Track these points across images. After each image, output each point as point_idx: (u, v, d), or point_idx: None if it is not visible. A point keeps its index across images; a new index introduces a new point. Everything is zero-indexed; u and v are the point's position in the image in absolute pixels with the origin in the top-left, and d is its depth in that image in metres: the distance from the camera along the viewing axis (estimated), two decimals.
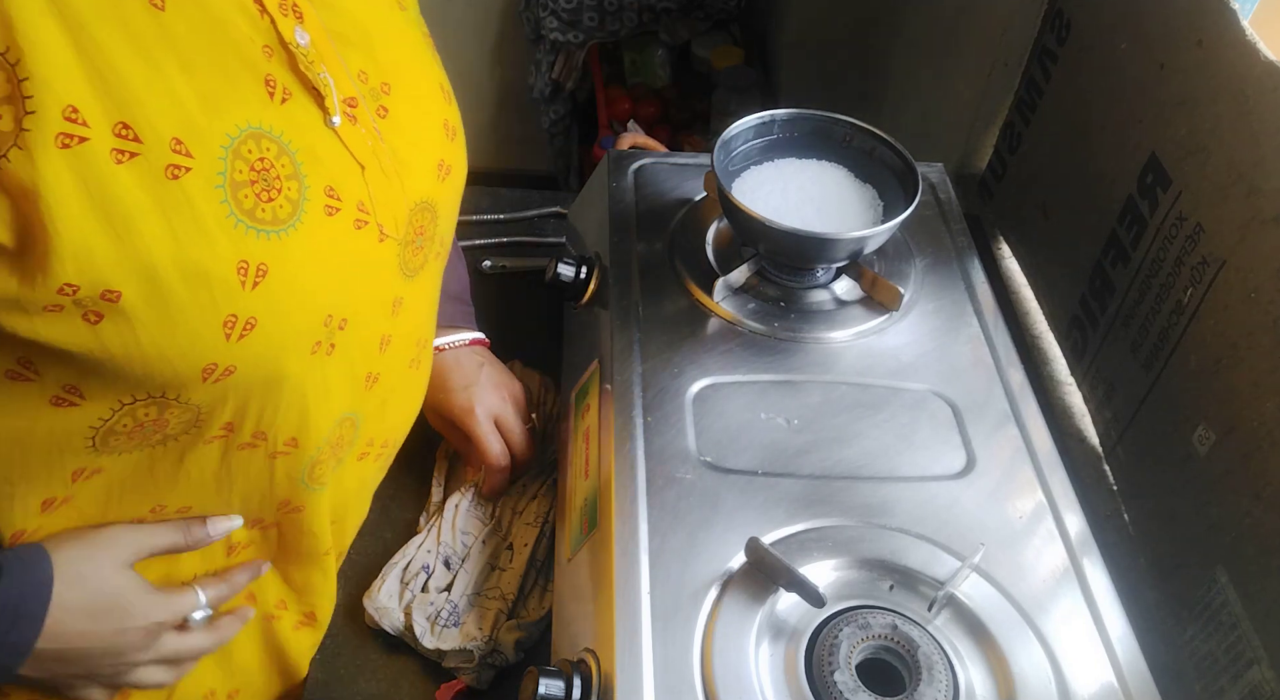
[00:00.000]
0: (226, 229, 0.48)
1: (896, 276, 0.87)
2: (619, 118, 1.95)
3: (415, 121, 0.62)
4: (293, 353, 0.54)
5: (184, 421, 0.54)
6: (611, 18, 1.92)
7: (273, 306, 0.51)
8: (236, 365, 0.51)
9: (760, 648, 0.62)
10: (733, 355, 0.80)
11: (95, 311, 0.46)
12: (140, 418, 0.52)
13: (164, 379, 0.50)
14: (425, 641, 0.75)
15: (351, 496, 0.74)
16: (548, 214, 1.16)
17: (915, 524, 0.69)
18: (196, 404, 0.53)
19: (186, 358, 0.49)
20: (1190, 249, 0.75)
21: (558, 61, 1.99)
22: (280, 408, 0.57)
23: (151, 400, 0.51)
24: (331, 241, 0.54)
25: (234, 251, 0.48)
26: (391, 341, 0.65)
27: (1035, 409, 0.78)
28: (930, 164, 1.01)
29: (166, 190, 0.46)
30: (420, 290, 0.68)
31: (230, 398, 0.54)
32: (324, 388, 0.60)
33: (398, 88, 0.61)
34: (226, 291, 0.49)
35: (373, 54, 0.59)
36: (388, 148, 0.59)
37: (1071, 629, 0.64)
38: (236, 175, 0.48)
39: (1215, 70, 0.72)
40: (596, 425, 0.76)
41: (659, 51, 2.02)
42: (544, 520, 0.83)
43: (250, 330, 0.50)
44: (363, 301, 0.59)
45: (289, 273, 0.51)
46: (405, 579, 0.79)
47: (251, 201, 0.49)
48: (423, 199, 0.63)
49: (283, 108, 0.51)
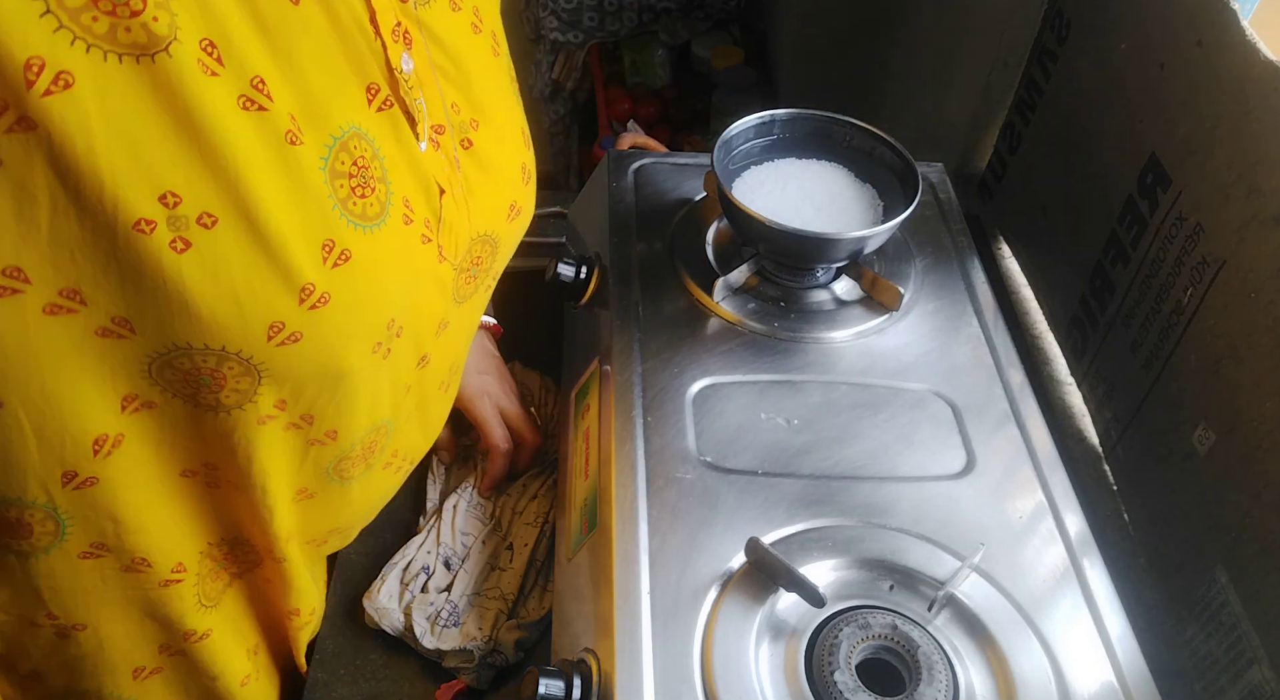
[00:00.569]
0: (322, 206, 0.50)
1: (896, 276, 0.87)
2: (619, 118, 1.95)
3: (496, 160, 0.65)
4: (355, 345, 0.56)
5: (244, 389, 0.53)
6: (611, 18, 1.91)
7: (346, 291, 0.52)
8: (303, 333, 0.52)
9: (760, 647, 0.62)
10: (733, 355, 0.80)
11: (183, 238, 0.46)
12: (198, 362, 0.51)
13: (229, 327, 0.49)
14: (425, 641, 0.75)
15: (362, 507, 0.75)
16: (548, 214, 1.16)
17: (915, 524, 0.69)
18: (259, 368, 0.52)
19: (257, 307, 0.49)
20: (1190, 249, 0.74)
21: (557, 61, 1.99)
22: (332, 397, 0.58)
23: (210, 351, 0.50)
24: (405, 250, 0.57)
25: (323, 228, 0.50)
26: (430, 361, 0.67)
27: (1035, 409, 0.78)
28: (930, 164, 1.01)
29: (282, 150, 0.47)
30: (465, 317, 0.70)
31: (290, 372, 0.54)
32: (374, 388, 0.61)
33: (484, 126, 0.64)
34: (309, 259, 0.50)
35: (468, 90, 0.62)
36: (462, 178, 0.62)
37: (1071, 629, 0.64)
38: (338, 165, 0.51)
39: (1215, 70, 0.72)
40: (596, 425, 0.76)
41: (659, 51, 2.02)
42: (544, 520, 0.83)
43: (323, 305, 0.51)
44: (417, 314, 0.61)
45: (368, 266, 0.53)
46: (405, 579, 0.79)
47: (345, 192, 0.51)
48: (486, 232, 0.66)
49: (379, 116, 0.54)
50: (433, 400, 0.74)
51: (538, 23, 1.95)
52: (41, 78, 0.40)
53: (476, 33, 0.65)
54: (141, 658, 0.66)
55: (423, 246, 0.58)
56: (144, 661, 0.66)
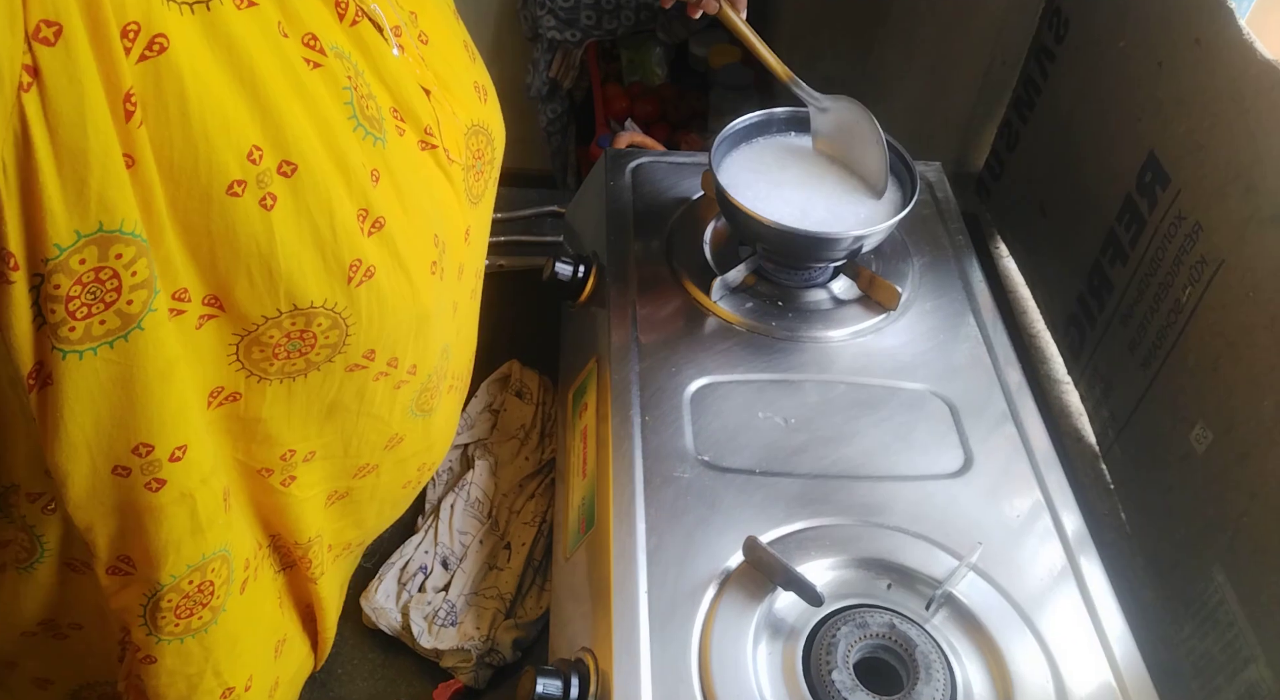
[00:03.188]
0: (349, 129, 0.49)
1: (894, 275, 0.87)
2: (616, 116, 1.94)
3: (445, 45, 0.63)
4: (417, 268, 0.55)
5: (332, 342, 0.53)
6: (609, 16, 1.91)
7: (393, 210, 0.52)
8: (375, 266, 0.51)
9: (758, 647, 0.62)
10: (730, 354, 0.80)
11: (271, 194, 0.45)
12: (288, 329, 0.50)
13: (317, 278, 0.49)
14: (423, 641, 0.75)
15: (443, 435, 0.73)
16: (545, 213, 1.16)
17: (913, 523, 0.69)
18: (345, 316, 0.52)
19: (338, 247, 0.49)
20: (1189, 248, 0.74)
21: (555, 60, 1.99)
22: (410, 330, 0.57)
23: (298, 312, 0.50)
24: (410, 159, 0.55)
25: (359, 150, 0.50)
26: (465, 270, 0.65)
27: (1033, 408, 0.78)
28: (928, 163, 1.01)
29: (310, 78, 0.47)
30: (481, 218, 0.68)
31: (374, 310, 0.53)
32: (436, 312, 0.60)
33: (422, 14, 0.61)
34: (358, 181, 0.49)
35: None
36: (433, 74, 0.60)
37: (1069, 627, 0.64)
38: (345, 81, 0.50)
39: (1213, 69, 0.72)
40: (594, 424, 0.76)
41: (656, 50, 2.01)
42: (541, 519, 0.83)
43: (378, 229, 0.51)
44: (447, 227, 0.60)
45: (395, 181, 0.52)
46: (403, 579, 0.79)
47: (356, 109, 0.50)
48: (475, 122, 0.64)
49: (352, 30, 0.52)
50: (468, 312, 0.71)
51: (535, 21, 1.95)
52: (137, 43, 0.38)
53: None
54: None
55: (425, 154, 0.57)
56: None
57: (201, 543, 0.53)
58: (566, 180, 2.16)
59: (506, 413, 0.92)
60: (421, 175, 0.56)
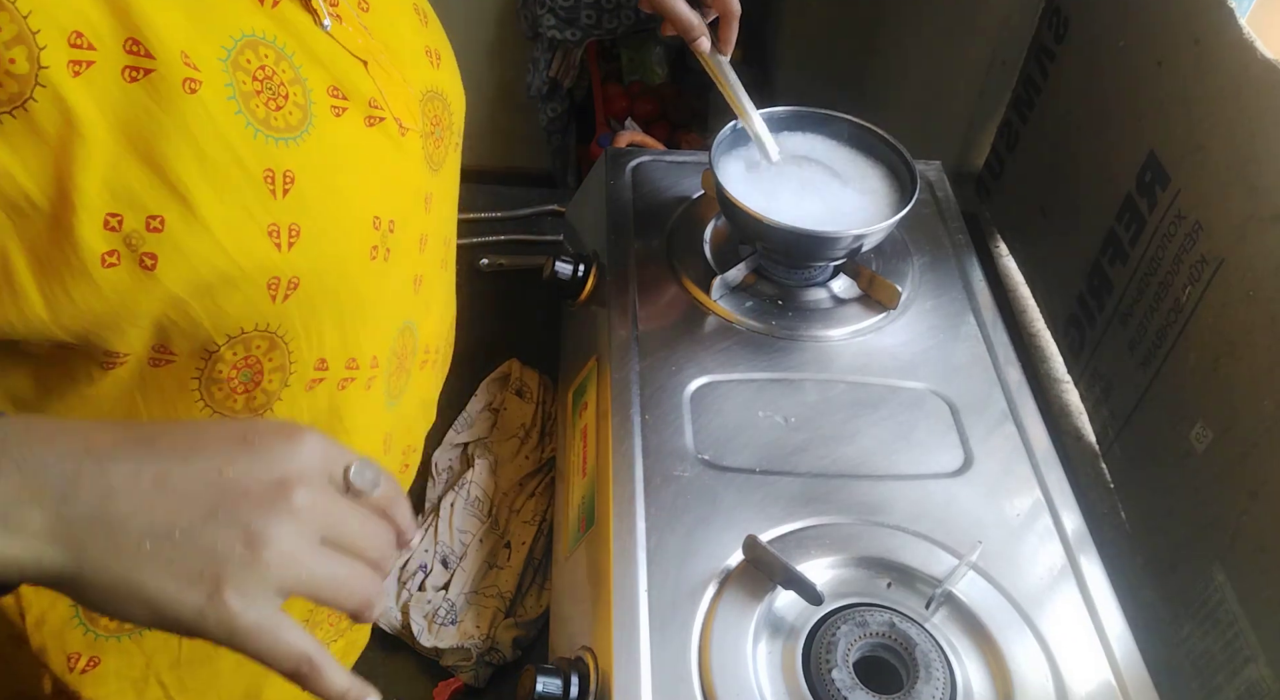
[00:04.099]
0: (247, 140, 0.47)
1: (894, 275, 0.87)
2: (617, 116, 1.95)
3: (390, 9, 0.61)
4: (352, 261, 0.54)
5: (278, 364, 0.53)
6: (609, 15, 1.91)
7: (310, 213, 0.50)
8: (299, 277, 0.51)
9: (758, 645, 0.62)
10: (730, 353, 0.80)
11: (149, 253, 0.45)
12: (233, 360, 0.51)
13: (235, 306, 0.49)
14: (423, 640, 0.75)
15: (418, 412, 0.73)
16: (545, 212, 1.16)
17: (913, 522, 0.69)
18: (280, 334, 0.52)
19: (247, 275, 0.48)
20: (1189, 247, 0.74)
21: (555, 59, 1.99)
22: (358, 324, 0.56)
23: (232, 341, 0.50)
24: (349, 142, 0.54)
25: (258, 161, 0.48)
26: (428, 240, 0.64)
27: (1033, 407, 0.78)
28: (928, 162, 1.01)
29: (187, 105, 0.45)
30: (445, 184, 0.66)
31: (309, 319, 0.53)
32: (386, 294, 0.59)
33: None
34: (260, 201, 0.48)
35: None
36: (379, 42, 0.58)
37: (1069, 627, 0.64)
38: (242, 86, 0.48)
39: (1213, 68, 0.72)
40: (594, 423, 0.76)
41: (656, 49, 2.02)
42: (541, 518, 0.83)
43: (297, 237, 0.50)
44: (401, 200, 0.58)
45: (316, 178, 0.51)
46: (403, 578, 0.79)
47: (264, 111, 0.48)
48: (429, 88, 0.62)
49: (274, 12, 0.50)
50: (440, 281, 0.70)
51: (535, 20, 1.95)
52: None
53: None
54: None
55: (373, 129, 0.55)
56: None
57: None
58: (566, 179, 2.16)
59: (506, 412, 0.92)
60: (363, 155, 0.55)
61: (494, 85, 2.26)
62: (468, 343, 1.01)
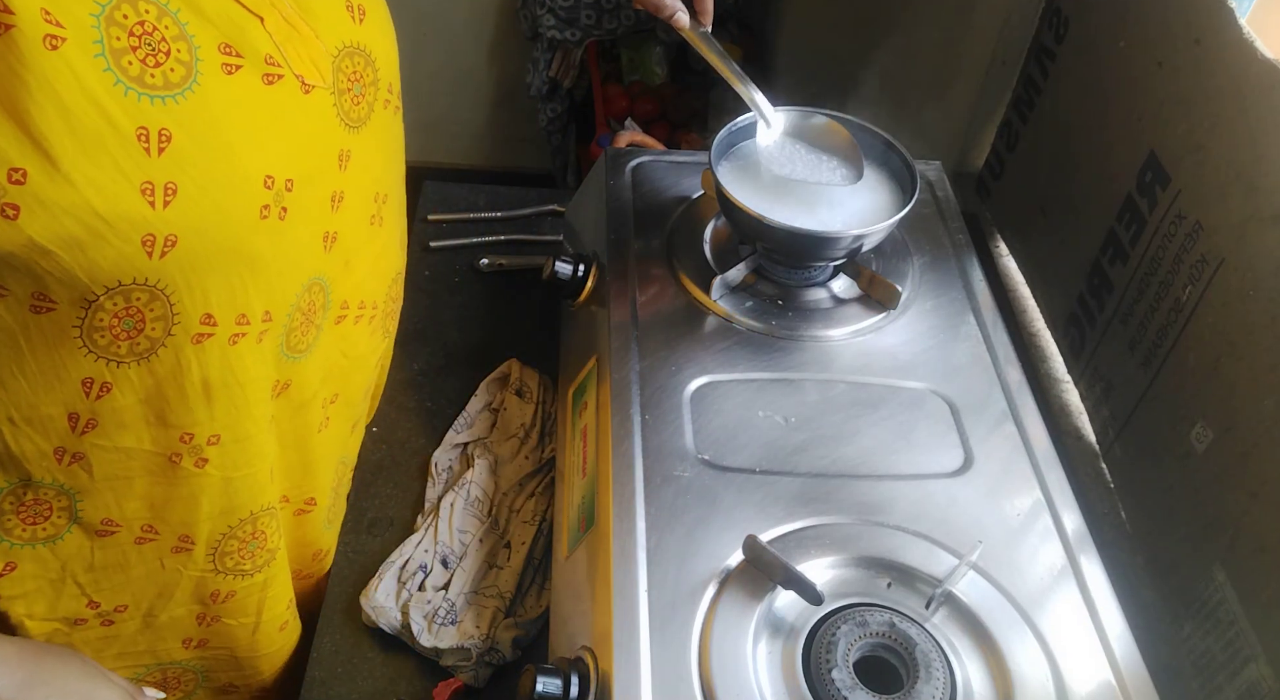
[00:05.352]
0: (117, 97, 0.47)
1: (894, 274, 0.87)
2: (616, 116, 1.94)
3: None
4: (238, 220, 0.54)
5: (159, 315, 0.54)
6: (609, 15, 1.91)
7: (189, 171, 0.50)
8: (177, 234, 0.51)
9: (758, 645, 0.62)
10: (730, 353, 0.80)
11: (10, 204, 0.46)
12: (114, 310, 0.52)
13: (109, 261, 0.50)
14: (423, 640, 0.75)
15: (342, 364, 0.74)
16: (545, 212, 1.16)
17: (913, 522, 0.69)
18: (160, 287, 0.52)
19: (117, 230, 0.49)
20: (1189, 247, 0.74)
21: (555, 59, 1.99)
22: (248, 281, 0.57)
23: (111, 292, 0.51)
24: (241, 99, 0.53)
25: (129, 119, 0.48)
26: (345, 198, 0.64)
27: (1033, 407, 0.78)
28: (928, 162, 1.01)
29: (49, 61, 0.45)
30: (370, 142, 0.65)
31: (192, 277, 0.53)
32: (284, 252, 0.59)
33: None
34: (131, 159, 0.48)
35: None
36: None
37: (1069, 627, 0.64)
38: (114, 43, 0.47)
39: (1213, 68, 0.72)
40: (594, 423, 0.76)
41: (656, 49, 2.01)
42: (541, 518, 0.83)
43: (173, 196, 0.50)
44: (304, 158, 0.58)
45: (198, 135, 0.50)
46: (403, 578, 0.79)
47: (138, 68, 0.48)
48: (347, 43, 0.61)
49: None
50: (368, 238, 0.70)
51: (535, 20, 1.95)
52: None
53: None
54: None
55: (270, 87, 0.54)
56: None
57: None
58: (566, 179, 2.16)
59: (506, 412, 0.92)
60: (257, 113, 0.54)
61: (493, 85, 2.26)
62: (468, 343, 1.02)
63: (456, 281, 1.07)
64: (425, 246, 1.09)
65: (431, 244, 1.10)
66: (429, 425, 0.93)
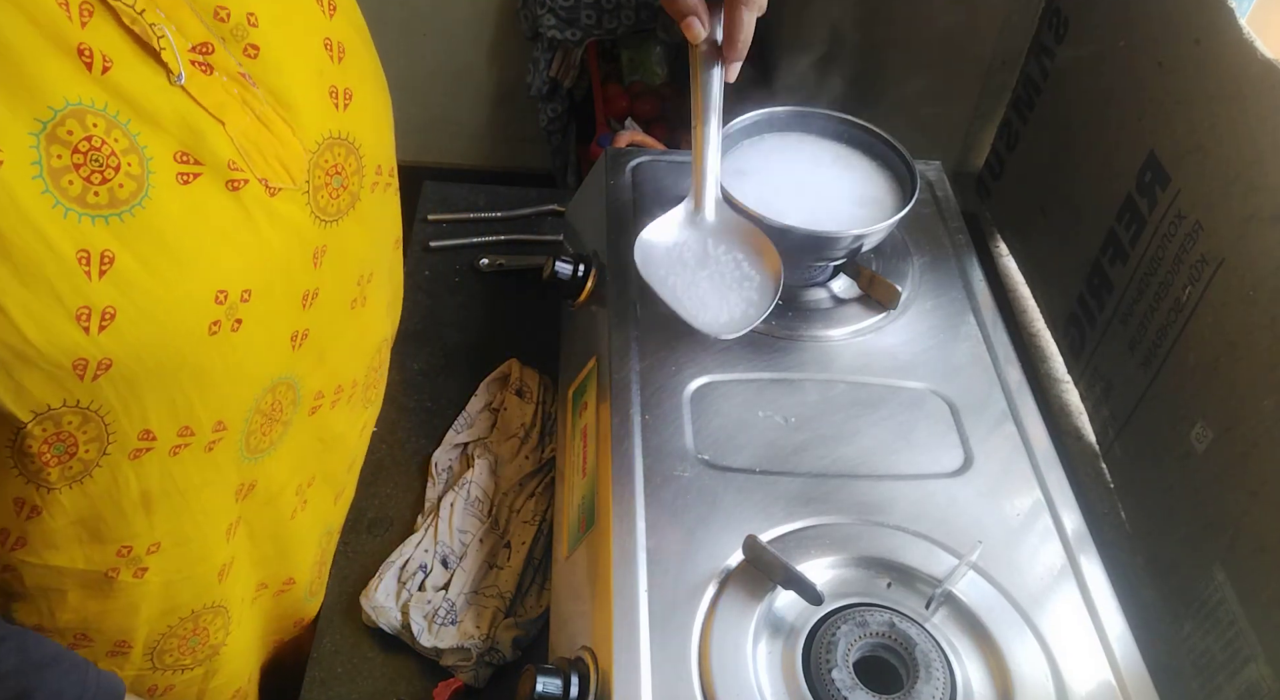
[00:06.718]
0: (55, 220, 0.45)
1: (894, 274, 0.87)
2: (617, 116, 1.94)
3: (291, 52, 0.56)
4: (184, 337, 0.51)
5: (93, 436, 0.51)
6: (609, 15, 1.91)
7: (130, 294, 0.48)
8: (111, 359, 0.49)
9: (758, 645, 0.62)
10: (730, 353, 0.80)
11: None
12: (43, 436, 0.50)
13: (36, 385, 0.48)
14: (423, 640, 0.75)
15: (317, 448, 0.72)
16: (545, 212, 1.16)
17: (913, 522, 0.69)
18: (94, 409, 0.50)
19: (46, 356, 0.47)
20: (1189, 247, 0.74)
21: (555, 59, 1.99)
22: (193, 395, 0.54)
23: (40, 418, 0.49)
24: (196, 210, 0.50)
25: (70, 241, 0.46)
26: (319, 294, 0.61)
27: (1033, 407, 0.78)
28: (928, 162, 1.01)
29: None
30: (351, 230, 0.63)
31: (129, 396, 0.51)
32: (237, 363, 0.56)
33: (265, 17, 0.54)
34: (69, 283, 0.46)
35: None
36: (264, 91, 0.54)
37: (1069, 627, 0.64)
38: (54, 162, 0.45)
39: (1213, 68, 0.72)
40: (594, 423, 0.76)
41: (656, 49, 2.02)
42: (541, 518, 0.83)
43: (110, 321, 0.48)
44: (265, 267, 0.55)
45: (143, 255, 0.48)
46: (403, 578, 0.79)
47: (79, 187, 0.46)
48: (329, 134, 0.58)
49: (104, 78, 0.46)
50: (345, 325, 0.67)
51: (535, 20, 1.95)
52: None
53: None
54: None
55: (232, 194, 0.52)
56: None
57: None
58: (567, 179, 2.16)
59: (506, 412, 0.92)
60: (212, 224, 0.51)
61: (493, 85, 2.26)
62: (468, 343, 1.02)
63: (456, 281, 1.07)
64: (425, 246, 1.09)
65: (431, 244, 1.10)
66: (429, 425, 0.93)
